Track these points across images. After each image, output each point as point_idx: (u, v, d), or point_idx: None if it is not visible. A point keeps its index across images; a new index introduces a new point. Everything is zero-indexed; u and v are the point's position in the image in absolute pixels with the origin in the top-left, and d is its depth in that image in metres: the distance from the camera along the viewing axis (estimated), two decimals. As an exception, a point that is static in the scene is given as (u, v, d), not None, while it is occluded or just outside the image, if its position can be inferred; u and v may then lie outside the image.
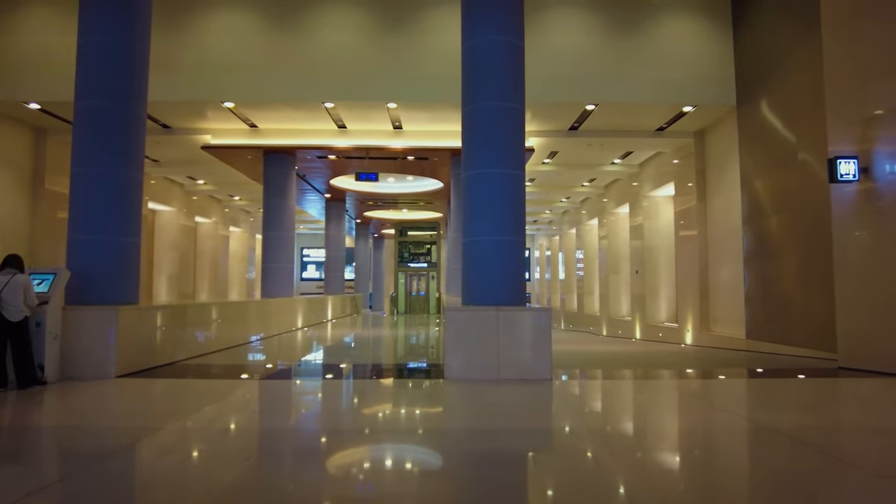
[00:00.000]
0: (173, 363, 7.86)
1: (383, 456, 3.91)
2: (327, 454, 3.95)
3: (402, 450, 4.09)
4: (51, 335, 6.15)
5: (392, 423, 4.93)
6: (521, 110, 7.15)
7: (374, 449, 4.09)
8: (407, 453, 4.00)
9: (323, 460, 3.79)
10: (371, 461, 3.81)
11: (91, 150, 7.01)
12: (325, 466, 3.65)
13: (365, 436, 4.42)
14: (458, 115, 13.50)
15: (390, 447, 4.15)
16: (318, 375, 7.81)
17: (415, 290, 24.91)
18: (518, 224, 6.98)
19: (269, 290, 14.70)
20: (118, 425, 4.70)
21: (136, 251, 7.32)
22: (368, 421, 4.98)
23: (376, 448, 4.11)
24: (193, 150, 15.16)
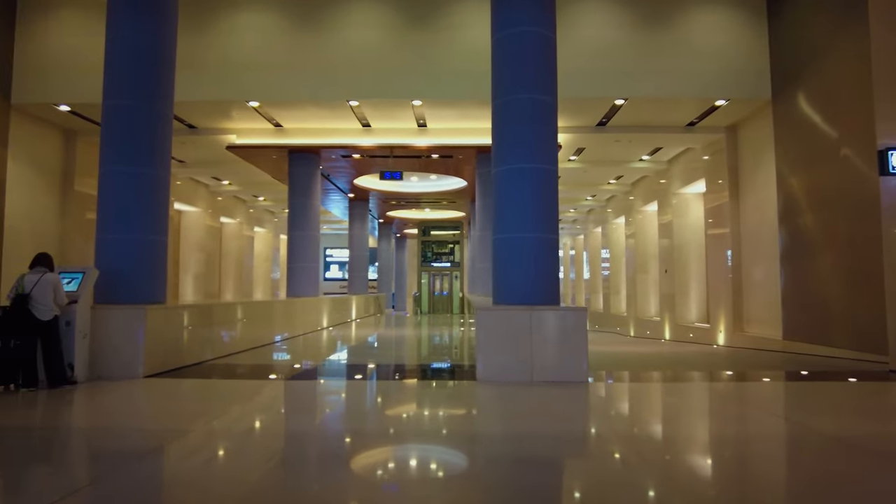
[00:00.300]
0: (200, 363, 7.81)
1: (414, 460, 3.75)
2: (356, 457, 3.80)
3: (434, 454, 3.92)
4: (80, 334, 6.12)
5: (423, 427, 4.77)
6: (554, 103, 6.93)
7: (404, 453, 3.93)
8: (439, 458, 3.83)
9: (351, 464, 3.64)
10: (401, 466, 3.64)
11: (118, 150, 6.98)
12: (354, 470, 3.50)
13: (395, 439, 4.26)
14: (484, 111, 13.37)
15: (422, 451, 3.98)
16: (345, 376, 7.69)
17: (438, 290, 24.76)
18: (551, 221, 6.77)
19: (294, 290, 14.67)
20: (149, 427, 4.61)
21: (163, 250, 7.27)
22: (399, 424, 4.83)
23: (407, 452, 3.95)
24: (219, 150, 15.20)
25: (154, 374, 6.66)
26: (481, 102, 12.44)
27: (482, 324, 6.34)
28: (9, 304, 5.70)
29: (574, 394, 5.80)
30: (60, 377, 5.85)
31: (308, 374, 7.75)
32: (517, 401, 5.50)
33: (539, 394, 5.74)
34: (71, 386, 5.92)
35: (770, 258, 12.31)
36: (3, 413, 4.99)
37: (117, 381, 6.28)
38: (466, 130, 14.19)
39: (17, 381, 5.68)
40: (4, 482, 3.33)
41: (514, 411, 5.17)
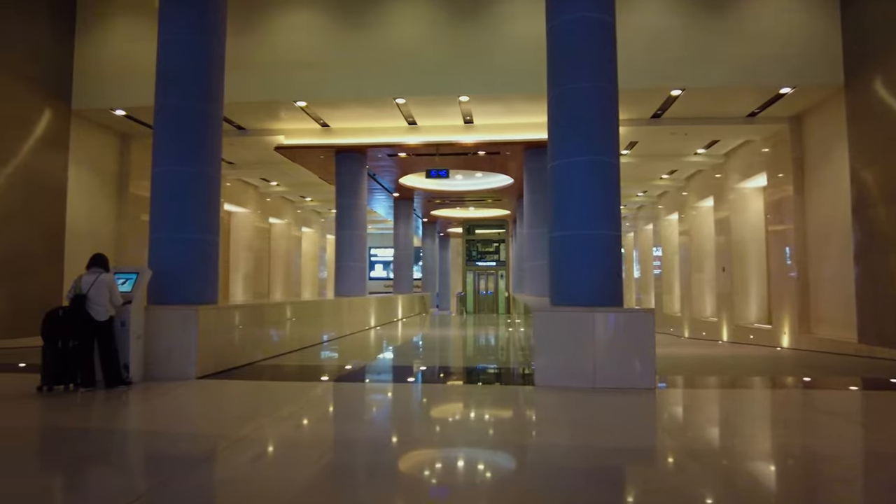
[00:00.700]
0: (251, 364, 7.76)
1: (475, 472, 3.49)
2: (409, 466, 3.57)
3: (496, 465, 3.65)
4: (134, 335, 6.12)
5: (483, 436, 4.50)
6: (615, 92, 6.55)
7: (463, 464, 3.67)
8: (502, 469, 3.56)
9: (405, 473, 3.41)
10: (459, 478, 3.39)
11: (170, 149, 6.99)
12: (407, 480, 3.27)
13: (452, 449, 4.01)
14: (532, 106, 13.04)
15: (483, 462, 3.72)
16: (395, 379, 7.49)
17: (483, 290, 24.44)
18: (614, 217, 6.39)
19: (342, 289, 14.64)
20: (205, 432, 4.49)
21: (214, 250, 7.25)
22: (455, 432, 4.57)
23: (466, 463, 3.69)
24: (267, 151, 15.33)
25: (206, 376, 6.63)
26: (529, 96, 12.10)
27: (540, 326, 6.02)
28: (68, 304, 5.73)
29: (642, 402, 5.42)
30: (116, 378, 5.86)
31: (358, 376, 7.59)
32: (581, 408, 5.16)
33: (604, 401, 5.39)
34: (126, 387, 5.92)
35: (841, 255, 11.51)
36: (65, 414, 4.99)
37: (170, 382, 6.26)
38: (514, 126, 13.85)
39: (77, 381, 5.70)
40: (66, 487, 3.26)
41: (579, 420, 4.84)
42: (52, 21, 12.47)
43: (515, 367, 7.93)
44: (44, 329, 5.65)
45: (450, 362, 9.00)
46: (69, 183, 12.94)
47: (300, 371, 7.69)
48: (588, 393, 5.68)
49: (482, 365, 8.71)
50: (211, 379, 6.53)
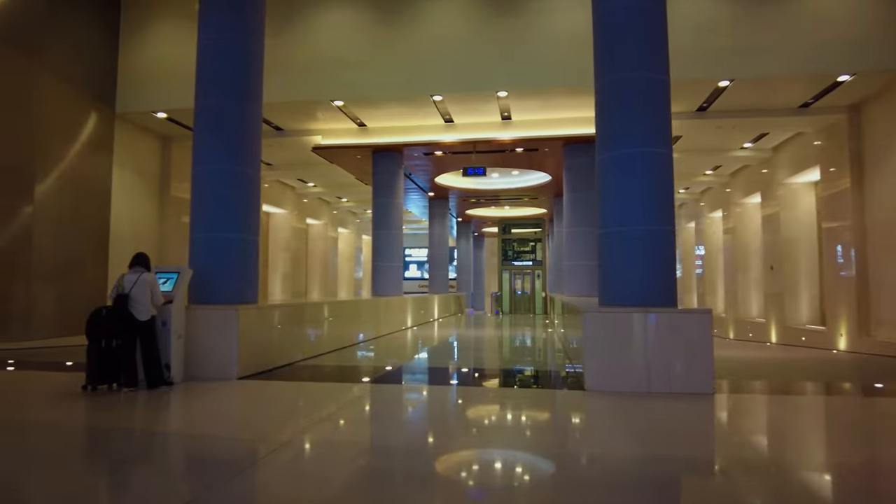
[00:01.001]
0: (291, 364, 7.68)
1: (533, 485, 3.25)
2: (461, 479, 3.35)
3: (554, 479, 3.40)
4: (175, 334, 6.08)
5: (537, 444, 4.25)
6: (667, 81, 6.22)
7: (517, 475, 3.43)
8: (560, 485, 3.31)
9: (457, 486, 3.20)
10: (514, 491, 3.15)
11: (210, 148, 6.96)
12: (460, 494, 3.05)
13: (505, 458, 3.78)
14: (572, 100, 12.70)
15: (538, 472, 3.47)
16: (437, 381, 7.28)
17: (519, 289, 24.08)
18: (668, 211, 6.06)
19: (378, 289, 14.55)
20: (248, 435, 4.36)
21: (254, 249, 7.18)
22: (508, 440, 4.34)
23: (520, 474, 3.45)
24: (304, 152, 15.37)
25: (246, 376, 6.55)
26: (569, 90, 11.77)
27: (590, 327, 5.73)
28: (111, 303, 5.72)
29: (702, 408, 5.08)
30: (158, 377, 5.82)
31: (398, 377, 7.43)
32: (637, 415, 4.86)
33: (660, 407, 5.07)
34: (168, 387, 5.87)
35: (907, 253, 10.83)
36: (108, 414, 4.95)
37: (211, 382, 6.20)
38: (552, 121, 13.53)
39: (120, 381, 5.68)
40: (111, 488, 3.16)
41: (638, 428, 4.54)
42: (98, 26, 12.72)
43: (560, 370, 7.63)
44: (88, 328, 5.66)
45: (490, 364, 8.76)
46: (113, 185, 13.18)
47: (340, 372, 7.57)
48: (642, 398, 5.37)
49: (525, 367, 8.43)
50: (251, 379, 6.46)
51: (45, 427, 4.34)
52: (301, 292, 22.54)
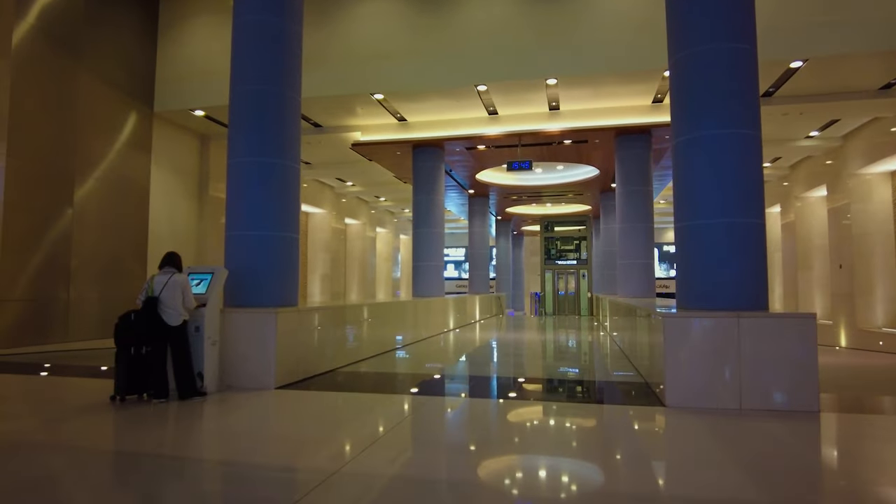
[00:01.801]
0: (332, 371, 7.16)
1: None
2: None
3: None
4: (209, 341, 5.61)
5: (633, 481, 3.57)
6: (754, 52, 5.42)
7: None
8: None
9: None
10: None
11: (247, 139, 6.47)
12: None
13: (592, 492, 3.12)
14: (623, 88, 11.90)
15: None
16: (497, 394, 6.62)
17: (563, 290, 23.18)
18: (759, 201, 5.27)
19: (419, 290, 13.99)
20: (293, 463, 3.78)
21: (294, 248, 6.68)
22: (596, 474, 3.67)
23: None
24: (343, 149, 14.98)
25: (285, 385, 6.05)
26: (621, 77, 10.99)
27: (672, 334, 4.99)
28: (140, 307, 5.28)
29: (812, 432, 4.30)
30: (190, 388, 5.35)
31: (449, 388, 6.82)
32: (738, 442, 4.11)
33: (763, 430, 4.30)
34: (201, 398, 5.40)
35: None
36: (133, 433, 4.48)
37: (247, 392, 5.71)
38: (603, 111, 12.73)
39: (149, 391, 5.24)
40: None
41: (745, 459, 3.79)
42: (136, 24, 12.57)
43: (628, 381, 6.88)
44: (116, 334, 5.24)
45: (546, 373, 8.04)
46: (151, 185, 13.01)
47: (385, 381, 6.99)
48: (736, 417, 4.61)
49: (585, 378, 7.70)
50: (291, 389, 5.95)
51: (61, 450, 3.87)
52: (340, 293, 22.22)
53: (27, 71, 10.08)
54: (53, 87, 10.70)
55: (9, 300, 9.61)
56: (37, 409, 5.26)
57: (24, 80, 10.00)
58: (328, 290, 20.61)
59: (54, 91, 10.71)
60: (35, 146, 10.24)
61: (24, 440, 4.10)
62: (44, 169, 10.45)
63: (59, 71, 10.80)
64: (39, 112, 10.37)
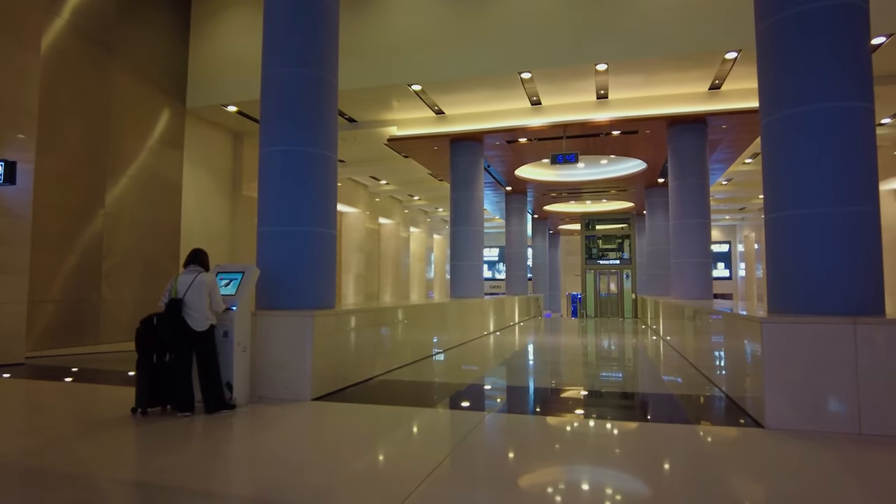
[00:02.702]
0: (371, 379, 6.58)
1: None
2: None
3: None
4: (239, 347, 5.07)
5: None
6: (866, 7, 4.62)
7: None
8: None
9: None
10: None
11: (281, 125, 5.93)
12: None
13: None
14: (677, 74, 11.05)
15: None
16: (557, 409, 5.91)
17: (605, 291, 22.21)
18: (870, 186, 4.46)
19: (458, 290, 13.36)
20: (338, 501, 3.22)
21: (331, 245, 6.11)
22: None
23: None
24: (378, 145, 14.49)
25: (323, 396, 5.48)
26: (675, 64, 10.20)
27: (773, 343, 4.23)
28: (162, 310, 4.77)
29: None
30: (218, 400, 4.80)
31: (503, 401, 6.16)
32: (867, 473, 3.35)
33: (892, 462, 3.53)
34: (230, 411, 4.85)
35: None
36: (151, 456, 3.95)
37: (282, 404, 5.15)
38: (655, 99, 11.88)
39: (174, 402, 4.73)
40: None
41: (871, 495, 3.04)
42: (169, 19, 12.29)
43: (701, 393, 6.10)
44: (137, 340, 4.74)
45: (614, 385, 7.26)
46: (184, 183, 12.70)
47: (431, 392, 6.36)
48: (857, 444, 3.83)
49: (657, 390, 6.91)
50: (329, 401, 5.37)
51: (62, 480, 3.35)
52: (374, 294, 21.78)
53: (58, 67, 9.83)
54: (84, 84, 10.43)
55: (42, 301, 9.34)
56: (50, 423, 4.80)
57: (55, 77, 9.74)
58: (362, 290, 20.17)
59: (85, 88, 10.44)
60: (66, 144, 9.98)
61: (24, 464, 3.60)
62: (75, 167, 10.18)
63: (90, 67, 10.54)
64: (71, 109, 10.11)
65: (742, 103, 11.44)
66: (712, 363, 6.59)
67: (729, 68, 10.49)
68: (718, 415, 5.14)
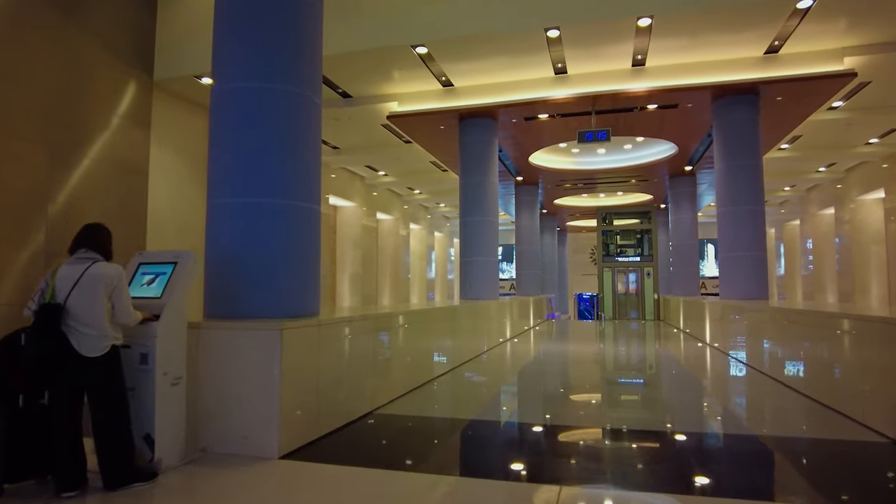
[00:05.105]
0: (370, 415, 4.79)
1: None
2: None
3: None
4: (167, 378, 3.27)
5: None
6: None
7: None
8: None
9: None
10: None
11: (242, 56, 4.14)
12: None
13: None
14: (727, 37, 9.21)
15: None
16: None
17: (623, 290, 20.43)
18: None
19: (469, 291, 11.56)
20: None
21: (314, 226, 4.33)
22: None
23: None
24: (375, 127, 12.76)
25: (298, 450, 3.68)
26: (731, 16, 8.44)
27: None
28: (31, 322, 2.97)
29: None
30: (126, 467, 3.00)
31: (558, 456, 4.37)
32: None
33: None
34: (146, 483, 3.04)
35: None
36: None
37: (235, 466, 3.36)
38: (698, 66, 10.13)
39: (53, 472, 2.93)
40: None
41: None
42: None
43: (855, 438, 4.33)
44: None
45: (699, 422, 5.42)
46: (151, 166, 10.89)
47: (464, 440, 4.51)
48: None
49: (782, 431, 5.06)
50: (307, 459, 3.56)
51: None
52: (371, 295, 19.97)
53: (7, 31, 8.00)
54: (34, 52, 8.59)
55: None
56: None
57: (4, 43, 7.92)
58: (359, 291, 18.36)
59: (35, 56, 8.60)
60: (7, 122, 8.15)
61: None
62: (21, 149, 8.35)
63: (40, 31, 8.69)
64: (16, 79, 8.28)
65: (802, 69, 9.73)
66: (853, 393, 4.79)
67: (797, 23, 8.74)
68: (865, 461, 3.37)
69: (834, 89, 10.09)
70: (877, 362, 4.28)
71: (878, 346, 4.26)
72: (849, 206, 18.49)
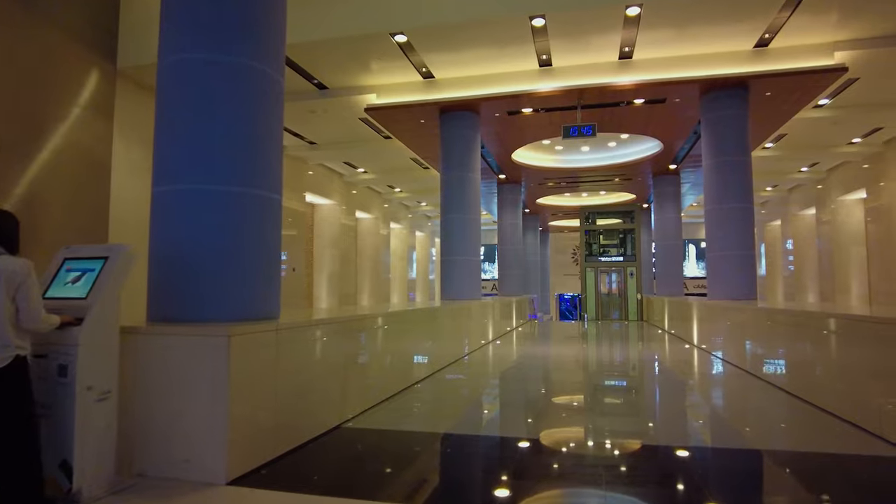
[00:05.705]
0: (338, 428, 4.32)
1: None
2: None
3: None
4: (91, 393, 2.77)
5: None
6: None
7: None
8: None
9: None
10: None
11: (187, 20, 3.66)
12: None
13: None
14: (716, 29, 8.88)
15: None
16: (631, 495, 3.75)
17: (606, 291, 20.16)
18: None
19: (450, 291, 11.13)
20: None
21: (275, 218, 3.85)
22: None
23: None
24: (353, 120, 12.27)
25: (249, 474, 3.21)
26: (713, 14, 8.14)
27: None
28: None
29: None
30: (30, 498, 2.51)
31: (556, 482, 3.96)
32: None
33: None
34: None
35: None
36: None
37: (172, 496, 2.88)
38: (686, 59, 9.82)
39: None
40: None
41: None
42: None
43: (865, 451, 3.98)
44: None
45: (721, 436, 5.03)
46: (114, 159, 10.27)
47: (446, 459, 4.07)
48: None
49: (806, 446, 4.71)
50: (260, 486, 3.08)
51: None
52: (350, 295, 19.44)
53: None
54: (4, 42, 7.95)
55: None
56: None
57: None
58: (336, 291, 17.82)
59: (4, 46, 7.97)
60: None
61: None
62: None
63: (6, 20, 8.06)
64: None
65: (792, 63, 9.49)
66: (862, 398, 4.45)
67: (788, 14, 8.47)
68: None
69: (823, 85, 9.86)
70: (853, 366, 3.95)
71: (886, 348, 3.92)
72: (829, 207, 18.44)
